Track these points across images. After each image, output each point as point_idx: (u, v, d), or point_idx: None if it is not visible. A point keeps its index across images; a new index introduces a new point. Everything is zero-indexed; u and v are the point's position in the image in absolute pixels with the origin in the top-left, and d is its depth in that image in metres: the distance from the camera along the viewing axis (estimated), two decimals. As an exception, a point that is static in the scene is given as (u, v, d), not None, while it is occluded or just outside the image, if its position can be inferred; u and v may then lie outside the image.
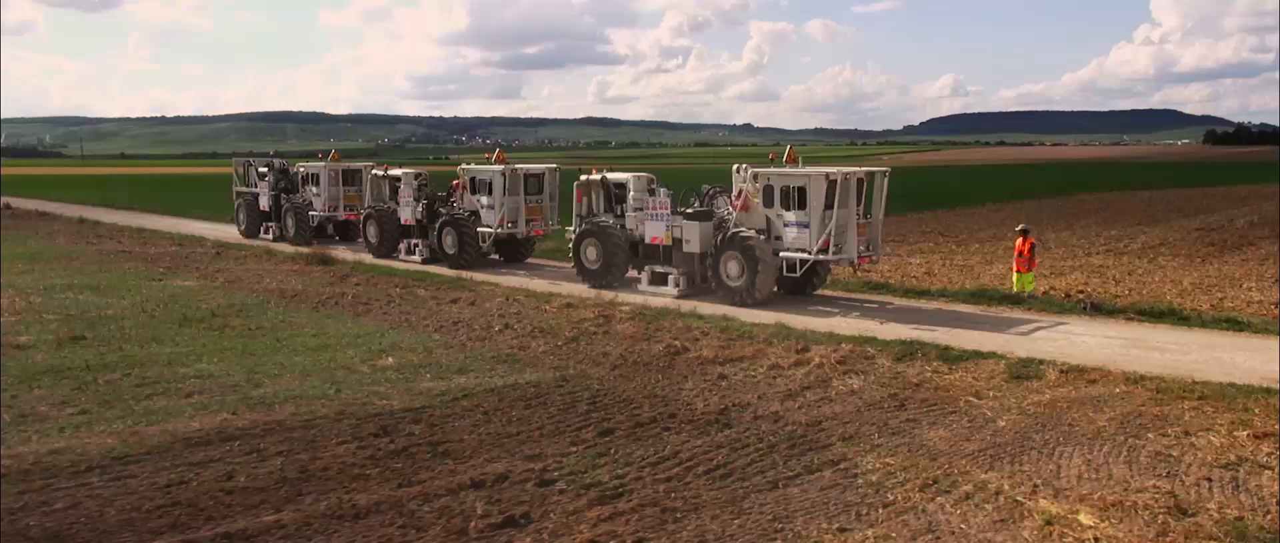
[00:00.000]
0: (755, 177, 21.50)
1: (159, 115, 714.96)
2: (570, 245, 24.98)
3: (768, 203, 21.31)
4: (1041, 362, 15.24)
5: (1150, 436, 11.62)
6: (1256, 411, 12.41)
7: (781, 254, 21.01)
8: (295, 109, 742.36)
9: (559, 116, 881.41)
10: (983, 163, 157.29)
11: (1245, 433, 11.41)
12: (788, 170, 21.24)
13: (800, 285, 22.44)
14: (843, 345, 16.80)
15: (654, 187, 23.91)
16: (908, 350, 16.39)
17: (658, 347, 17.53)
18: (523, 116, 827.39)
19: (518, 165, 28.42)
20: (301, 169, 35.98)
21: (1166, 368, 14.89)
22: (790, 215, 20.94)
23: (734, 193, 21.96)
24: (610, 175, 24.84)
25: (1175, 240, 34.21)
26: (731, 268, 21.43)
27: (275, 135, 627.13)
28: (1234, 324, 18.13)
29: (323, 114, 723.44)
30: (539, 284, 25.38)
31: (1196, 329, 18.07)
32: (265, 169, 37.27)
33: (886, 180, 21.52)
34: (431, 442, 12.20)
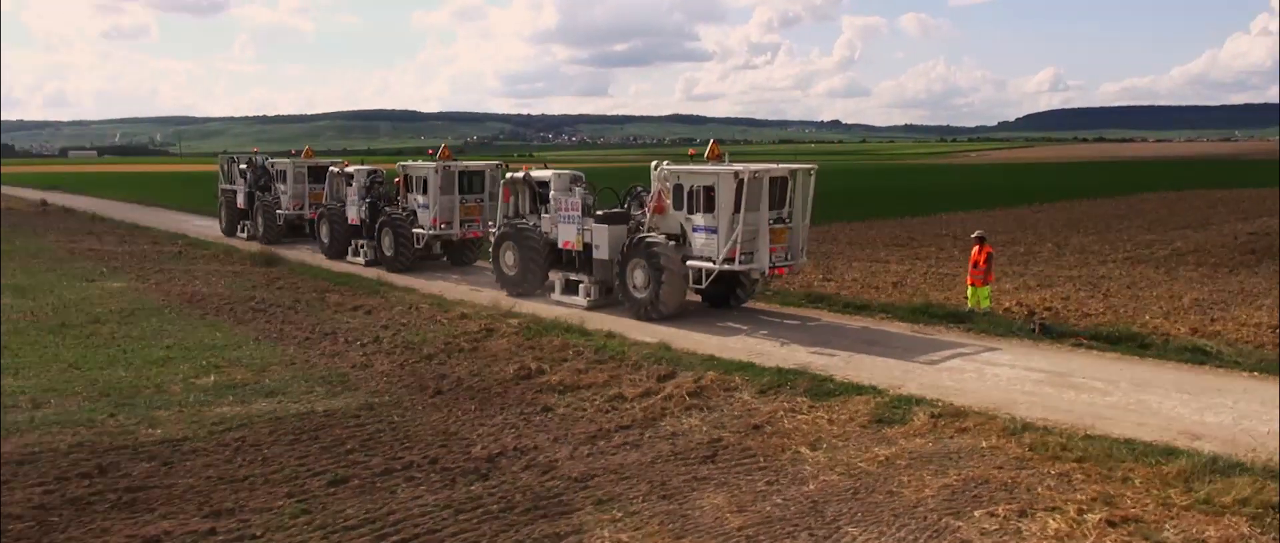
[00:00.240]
0: (664, 175, 19.11)
1: (260, 115, 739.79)
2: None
3: (677, 205, 18.91)
4: (919, 402, 12.59)
5: (976, 514, 8.99)
6: (1138, 480, 9.64)
7: (689, 263, 18.58)
8: (388, 108, 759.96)
9: (645, 114, 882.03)
10: (1075, 160, 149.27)
11: (1098, 516, 8.71)
12: (696, 168, 18.80)
13: (723, 297, 19.98)
14: (707, 374, 14.39)
15: (576, 185, 21.66)
16: (780, 381, 13.91)
17: (511, 369, 15.43)
18: (609, 114, 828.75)
19: (454, 163, 26.46)
20: (274, 166, 34.81)
21: (1071, 413, 12.14)
22: (699, 219, 18.51)
23: (651, 194, 19.60)
24: (535, 173, 22.68)
25: (1212, 247, 30.41)
26: (638, 277, 19.11)
27: (369, 133, 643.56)
28: (1199, 355, 15.07)
29: (415, 112, 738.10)
30: (460, 291, 23.48)
31: (1149, 360, 15.08)
32: (245, 166, 36.29)
33: (812, 179, 18.89)
34: (133, 487, 10.40)
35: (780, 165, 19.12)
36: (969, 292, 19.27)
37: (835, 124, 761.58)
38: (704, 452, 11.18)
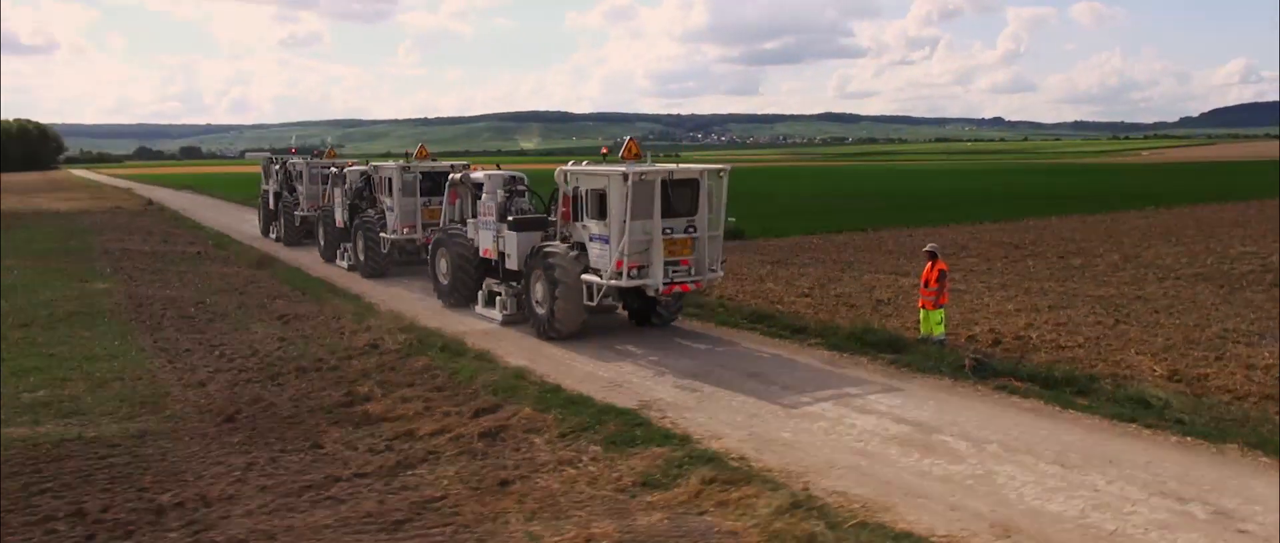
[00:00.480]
0: (566, 177, 17.10)
1: (422, 117, 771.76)
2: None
3: (575, 212, 16.88)
4: (709, 460, 10.26)
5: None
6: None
7: (584, 277, 16.51)
8: (541, 109, 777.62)
9: (795, 112, 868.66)
10: (1261, 159, 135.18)
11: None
12: (591, 168, 16.70)
13: (644, 315, 17.81)
14: (523, 409, 12.42)
15: (513, 186, 19.86)
16: (591, 423, 11.81)
17: (339, 394, 13.92)
18: (758, 113, 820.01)
19: (416, 163, 25.11)
20: (294, 167, 34.62)
21: (886, 486, 9.58)
22: (594, 227, 16.43)
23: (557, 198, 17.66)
24: (475, 174, 21.05)
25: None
26: (539, 290, 17.22)
27: (523, 134, 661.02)
28: (1139, 407, 11.95)
29: (567, 113, 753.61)
30: (406, 300, 22.15)
31: (1072, 413, 12.07)
32: (278, 167, 36.35)
33: (724, 183, 16.49)
34: None
35: (683, 166, 16.79)
36: (920, 316, 16.43)
37: (997, 121, 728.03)
38: (403, 515, 9.27)
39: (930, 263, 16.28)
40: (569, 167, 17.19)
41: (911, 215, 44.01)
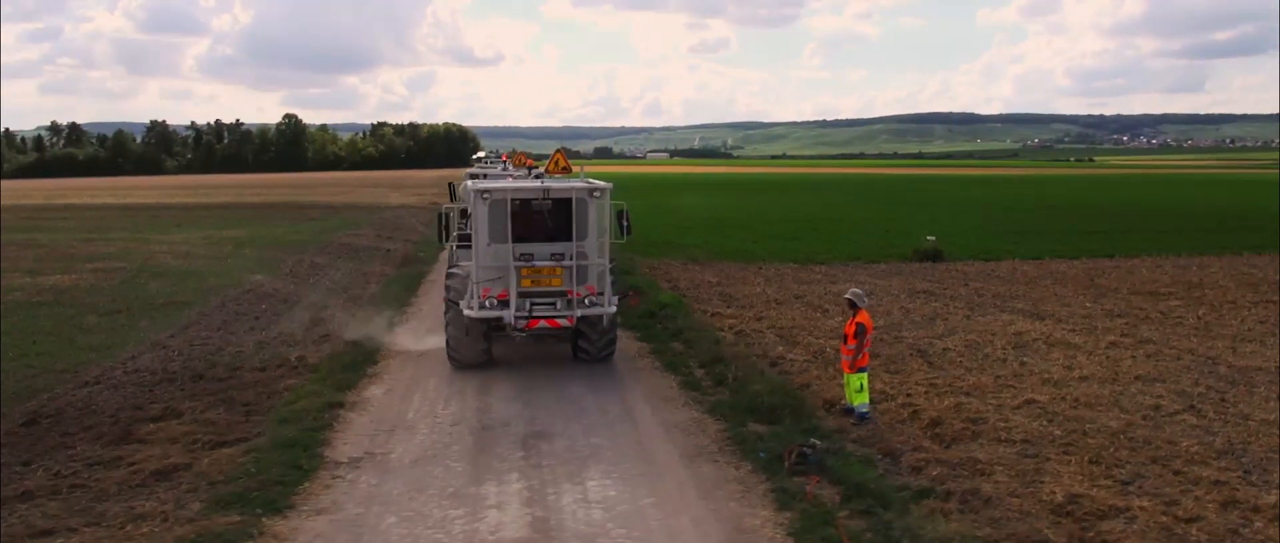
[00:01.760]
0: (464, 192, 15.27)
1: (820, 119, 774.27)
2: None
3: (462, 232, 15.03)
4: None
5: None
6: None
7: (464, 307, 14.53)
8: (945, 110, 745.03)
9: (1248, 112, 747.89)
10: None
11: None
12: (476, 185, 14.66)
13: (577, 348, 15.44)
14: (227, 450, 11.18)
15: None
16: (251, 472, 10.28)
17: (158, 407, 13.62)
18: (1201, 113, 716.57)
19: (512, 172, 22.92)
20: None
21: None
22: (468, 250, 14.47)
23: None
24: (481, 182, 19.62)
25: None
26: (449, 314, 15.63)
27: (922, 136, 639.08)
28: None
29: (973, 114, 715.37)
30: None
31: None
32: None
33: (606, 203, 13.71)
34: None
35: (554, 183, 14.20)
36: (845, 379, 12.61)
37: None
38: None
39: (852, 313, 12.42)
40: (472, 182, 15.44)
41: (1213, 240, 35.24)
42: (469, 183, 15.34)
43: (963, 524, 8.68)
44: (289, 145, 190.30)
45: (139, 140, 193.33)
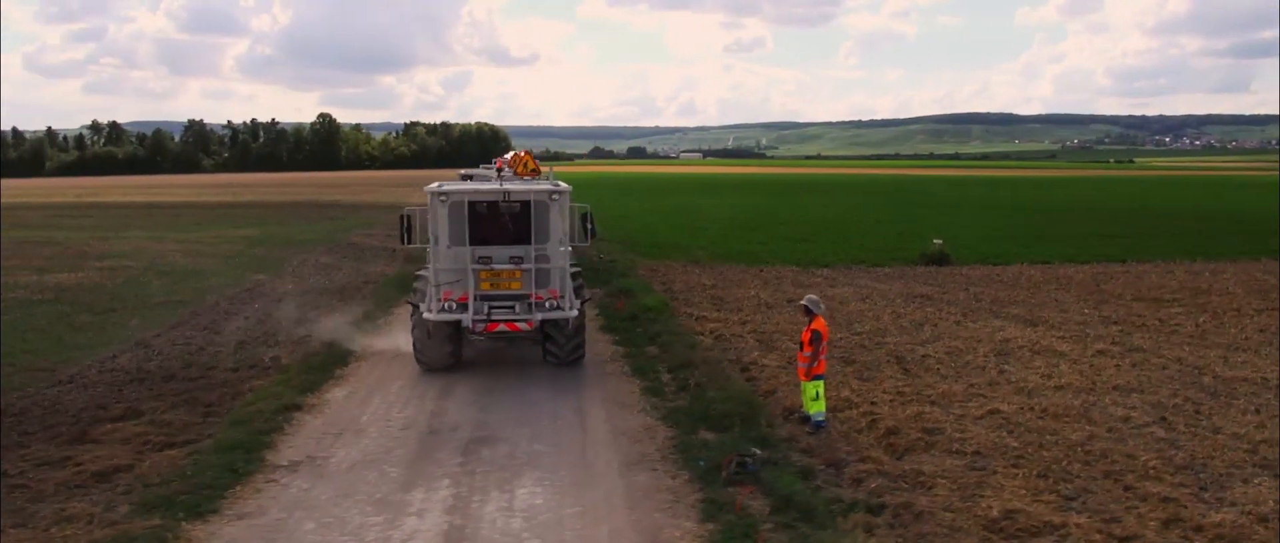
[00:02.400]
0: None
1: (855, 119, 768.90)
2: None
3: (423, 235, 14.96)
4: None
5: None
6: None
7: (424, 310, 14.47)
8: (983, 110, 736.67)
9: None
10: None
11: None
12: (432, 187, 14.55)
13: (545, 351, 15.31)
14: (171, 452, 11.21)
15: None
16: (188, 474, 10.29)
17: (120, 407, 13.71)
18: (1247, 113, 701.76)
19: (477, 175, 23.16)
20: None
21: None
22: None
23: None
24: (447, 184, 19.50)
25: None
26: (417, 316, 15.58)
27: (959, 137, 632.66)
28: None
29: (1011, 115, 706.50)
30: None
31: None
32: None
33: (565, 205, 13.57)
34: None
35: (513, 185, 14.07)
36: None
37: None
38: None
39: (808, 320, 12.21)
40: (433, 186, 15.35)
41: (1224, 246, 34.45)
42: (432, 186, 15.26)
43: (886, 541, 8.45)
44: (323, 144, 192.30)
45: (177, 139, 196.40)
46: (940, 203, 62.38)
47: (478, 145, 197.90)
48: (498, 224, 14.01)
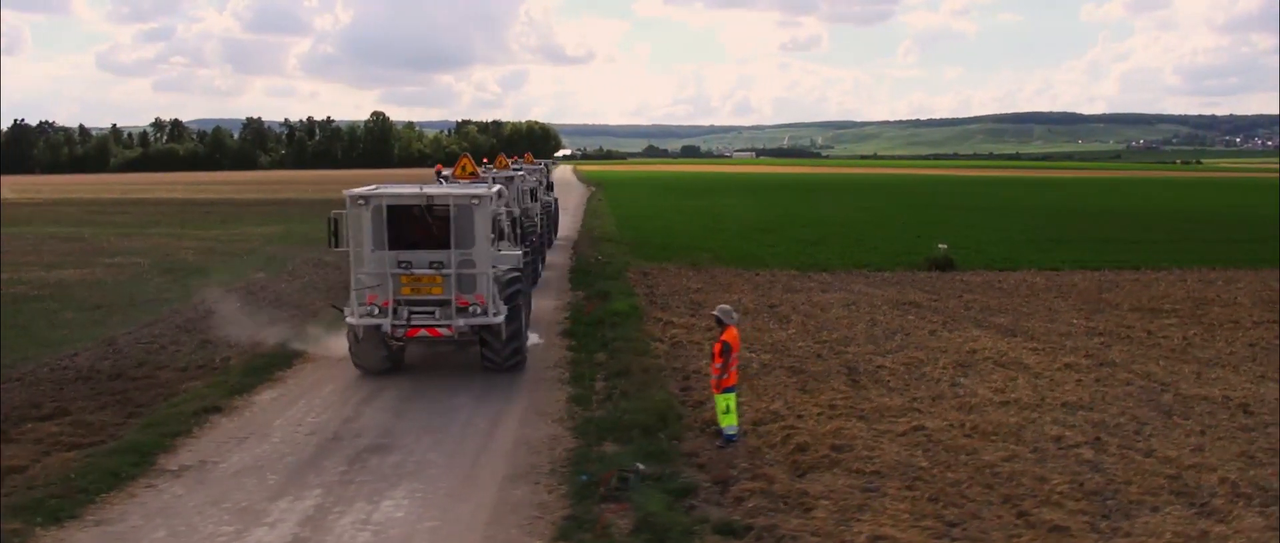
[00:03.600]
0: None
1: (913, 118, 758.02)
2: None
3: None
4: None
5: None
6: None
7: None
8: (1046, 109, 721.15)
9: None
10: None
11: None
12: (350, 191, 14.35)
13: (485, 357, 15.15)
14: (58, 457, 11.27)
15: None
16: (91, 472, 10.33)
17: (51, 406, 13.89)
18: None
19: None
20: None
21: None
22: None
23: None
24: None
25: None
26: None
27: (1020, 136, 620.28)
28: None
29: (1074, 114, 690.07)
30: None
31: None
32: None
33: (488, 211, 13.36)
34: None
35: (436, 189, 13.91)
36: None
37: None
38: None
39: (719, 331, 11.88)
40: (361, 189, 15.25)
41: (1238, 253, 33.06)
42: (350, 191, 15.12)
43: (734, 566, 8.12)
44: (377, 142, 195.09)
45: (236, 137, 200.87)
46: (971, 205, 61.05)
47: (527, 143, 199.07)
48: (421, 229, 13.88)
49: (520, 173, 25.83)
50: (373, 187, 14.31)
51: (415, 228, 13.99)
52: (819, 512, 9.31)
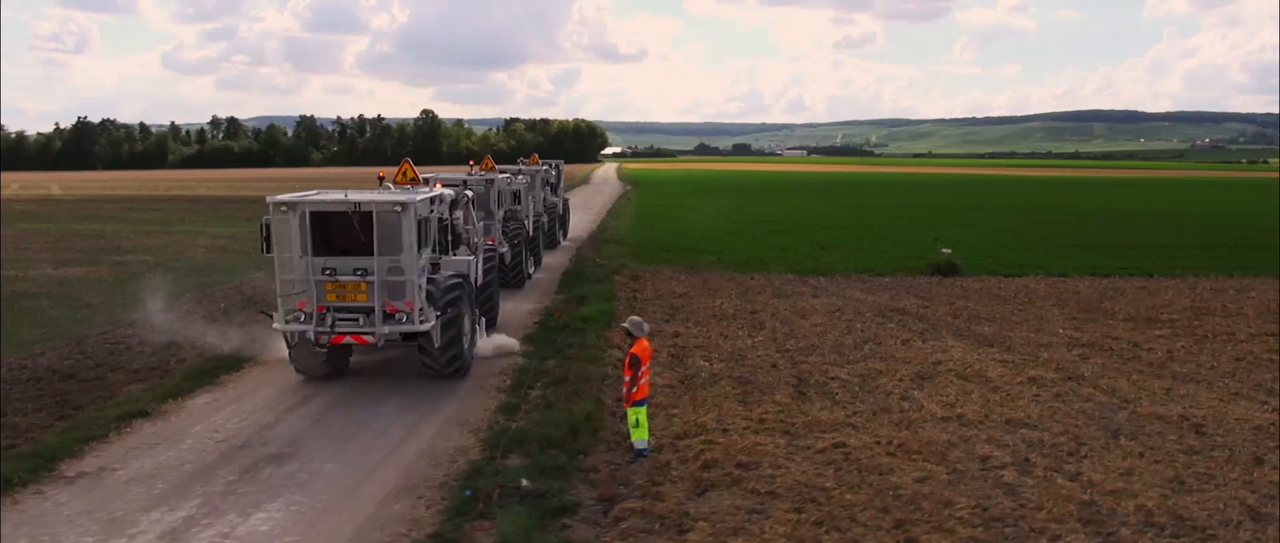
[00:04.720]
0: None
1: (970, 116, 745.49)
2: None
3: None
4: None
5: None
6: None
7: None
8: (1107, 108, 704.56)
9: None
10: None
11: None
12: (273, 198, 14.23)
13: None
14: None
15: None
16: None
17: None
18: None
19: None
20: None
21: None
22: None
23: None
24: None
25: None
26: (283, 326, 15.46)
27: (1080, 135, 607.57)
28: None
29: (1136, 112, 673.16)
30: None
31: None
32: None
33: (412, 218, 13.18)
34: None
35: (362, 195, 13.73)
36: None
37: None
38: None
39: (629, 343, 11.60)
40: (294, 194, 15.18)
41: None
42: (273, 197, 14.96)
43: (576, 591, 7.84)
44: (425, 139, 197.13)
45: (290, 134, 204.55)
46: (1006, 207, 59.65)
47: (574, 141, 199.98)
48: (348, 236, 13.79)
49: (504, 176, 25.65)
50: (300, 193, 14.25)
51: (342, 235, 13.90)
52: (693, 535, 8.99)
